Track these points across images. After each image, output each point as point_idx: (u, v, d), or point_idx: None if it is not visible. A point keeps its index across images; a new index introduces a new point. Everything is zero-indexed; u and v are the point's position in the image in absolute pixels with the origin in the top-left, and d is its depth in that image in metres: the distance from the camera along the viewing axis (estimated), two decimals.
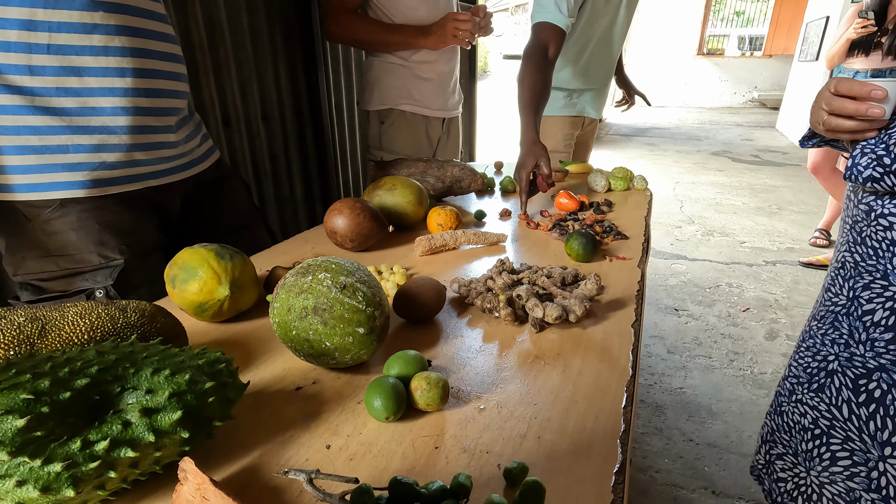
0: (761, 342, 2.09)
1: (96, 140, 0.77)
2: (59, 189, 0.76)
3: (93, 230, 0.79)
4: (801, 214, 3.72)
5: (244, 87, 1.61)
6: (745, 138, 6.90)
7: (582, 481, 0.43)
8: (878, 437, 0.70)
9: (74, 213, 0.77)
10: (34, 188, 0.75)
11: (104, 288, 0.80)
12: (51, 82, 0.72)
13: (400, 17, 1.39)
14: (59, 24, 0.70)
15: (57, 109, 0.73)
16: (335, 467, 0.45)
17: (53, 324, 0.48)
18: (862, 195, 0.73)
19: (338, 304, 0.53)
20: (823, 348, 0.78)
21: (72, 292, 0.79)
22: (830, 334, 0.77)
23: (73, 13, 0.71)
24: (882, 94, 0.63)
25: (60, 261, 0.78)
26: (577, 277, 0.79)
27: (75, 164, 0.76)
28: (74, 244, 0.78)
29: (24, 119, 0.72)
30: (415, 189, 1.05)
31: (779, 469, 0.86)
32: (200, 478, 0.38)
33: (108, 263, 0.80)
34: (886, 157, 0.64)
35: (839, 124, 0.67)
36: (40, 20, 0.69)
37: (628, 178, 1.40)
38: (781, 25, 10.18)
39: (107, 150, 0.78)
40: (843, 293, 0.76)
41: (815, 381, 0.79)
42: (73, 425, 0.37)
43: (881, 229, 0.69)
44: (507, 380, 0.57)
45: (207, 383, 0.43)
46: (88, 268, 0.79)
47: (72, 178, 0.76)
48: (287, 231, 1.89)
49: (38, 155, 0.74)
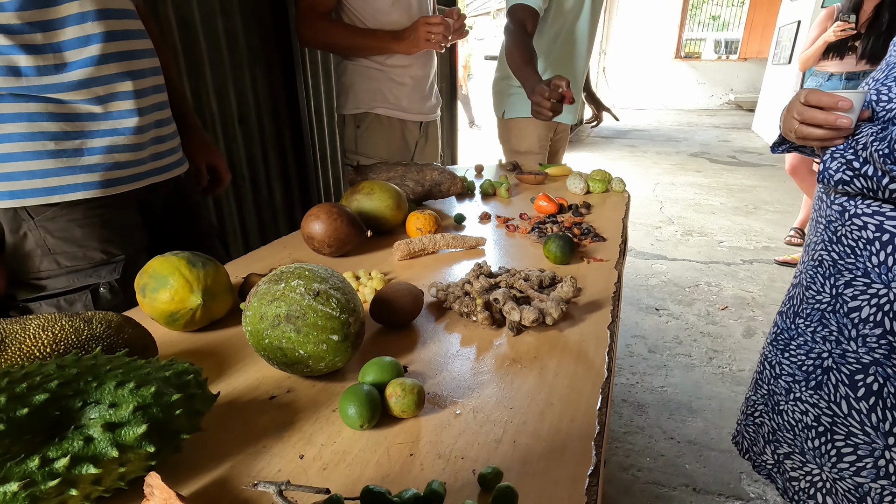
0: (739, 340, 2.13)
1: (108, 142, 0.80)
2: (76, 191, 0.78)
3: (97, 227, 0.81)
4: (776, 214, 3.81)
5: (220, 91, 1.59)
6: (723, 140, 7.04)
7: (556, 484, 0.43)
8: (881, 428, 0.72)
9: (81, 210, 0.79)
10: (52, 191, 0.76)
11: (108, 283, 0.82)
12: (64, 95, 0.74)
13: (373, 22, 1.39)
14: (60, 43, 0.73)
15: (70, 116, 0.76)
16: (308, 477, 0.44)
17: (13, 337, 0.47)
18: (834, 196, 0.76)
19: (311, 312, 0.53)
20: (816, 346, 0.80)
21: (74, 289, 0.80)
22: (820, 332, 0.79)
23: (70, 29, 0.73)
24: (848, 104, 0.67)
25: (61, 258, 0.79)
26: (554, 280, 0.80)
27: (90, 167, 0.78)
28: (78, 241, 0.79)
29: (41, 126, 0.74)
30: (393, 193, 1.05)
31: (789, 468, 0.87)
32: (167, 493, 0.37)
33: (111, 259, 0.82)
34: (855, 161, 0.68)
35: (809, 132, 0.71)
36: (43, 43, 0.71)
37: (606, 180, 1.41)
38: (755, 29, 10.42)
39: (118, 151, 0.81)
40: (826, 290, 0.78)
41: (813, 379, 0.80)
42: (31, 443, 0.36)
43: (856, 228, 0.72)
44: (484, 384, 0.57)
45: (174, 395, 0.42)
46: (91, 264, 0.80)
47: (88, 180, 0.78)
48: (266, 237, 1.86)
49: (55, 159, 0.75)
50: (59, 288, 0.79)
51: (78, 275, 0.80)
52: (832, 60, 2.68)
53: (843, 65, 2.65)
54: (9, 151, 0.72)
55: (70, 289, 0.80)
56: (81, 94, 0.75)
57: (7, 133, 0.72)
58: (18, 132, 0.72)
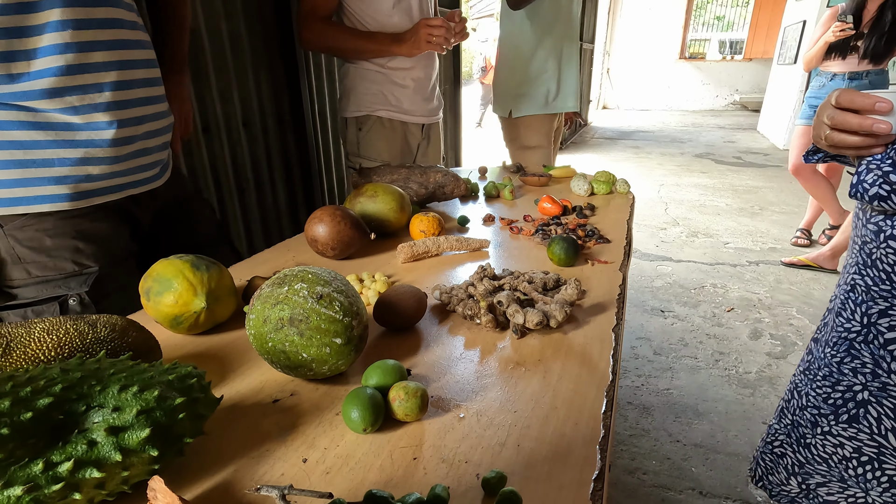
0: (745, 342, 2.12)
1: (81, 153, 0.77)
2: (43, 202, 0.76)
3: (68, 237, 0.78)
4: (782, 215, 3.79)
5: (224, 95, 1.60)
6: (728, 140, 7.01)
7: (560, 489, 0.43)
8: None
9: (51, 220, 0.77)
10: (18, 202, 0.74)
11: (78, 295, 0.79)
12: (36, 103, 0.72)
13: (374, 24, 1.39)
14: (35, 50, 0.70)
15: (43, 125, 0.74)
16: (311, 481, 0.44)
17: (18, 341, 0.47)
18: (871, 214, 0.67)
19: (314, 315, 0.53)
20: (844, 378, 0.73)
21: (43, 299, 0.78)
22: (849, 363, 0.72)
23: (47, 36, 0.70)
24: (887, 106, 0.57)
25: (31, 267, 0.77)
26: (558, 282, 0.79)
27: (60, 178, 0.76)
28: (48, 251, 0.77)
29: (10, 134, 0.72)
30: (397, 196, 1.05)
31: (824, 494, 0.81)
32: (170, 497, 0.37)
33: (82, 271, 0.79)
34: (893, 173, 0.59)
35: (841, 140, 0.61)
36: (17, 49, 0.69)
37: (611, 181, 1.41)
38: (760, 29, 10.38)
39: (91, 164, 0.78)
40: (857, 319, 0.71)
41: (844, 413, 0.73)
42: (34, 446, 0.36)
43: (892, 252, 0.64)
44: (488, 387, 0.57)
45: (177, 399, 0.42)
46: (61, 275, 0.78)
47: (57, 192, 0.76)
48: (271, 239, 1.87)
49: (23, 169, 0.73)
50: (29, 298, 0.77)
51: (47, 285, 0.78)
52: (835, 60, 2.67)
53: (846, 64, 2.64)
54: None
55: (38, 299, 0.78)
56: (54, 104, 0.73)
57: None
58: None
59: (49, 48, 0.71)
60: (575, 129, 2.26)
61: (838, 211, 2.95)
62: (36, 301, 0.77)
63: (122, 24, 0.80)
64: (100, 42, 0.76)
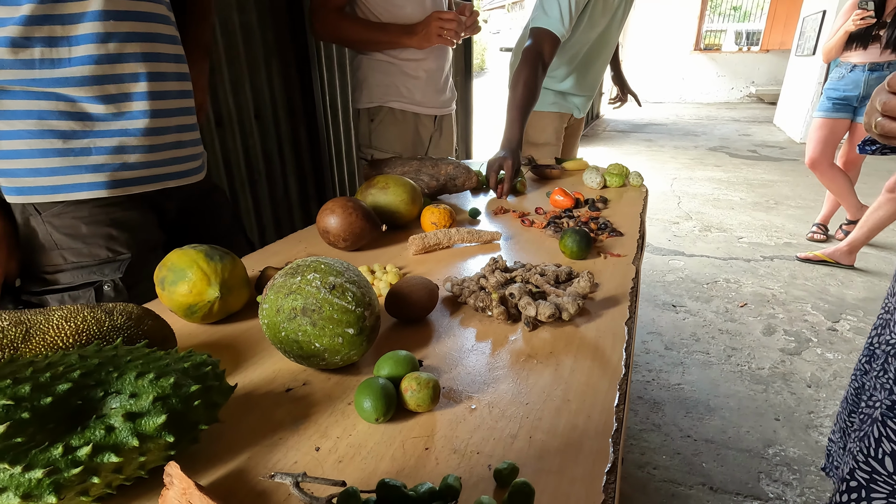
0: (759, 337, 2.09)
1: (116, 142, 0.79)
2: (81, 190, 0.78)
3: (103, 224, 0.81)
4: (798, 209, 3.72)
5: (236, 87, 1.60)
6: (743, 133, 6.90)
7: (573, 481, 0.43)
8: None
9: (87, 208, 0.80)
10: (58, 190, 0.76)
11: (112, 281, 0.81)
12: (74, 91, 0.74)
13: (386, 16, 1.39)
14: (75, 37, 0.72)
15: (80, 114, 0.76)
16: (324, 470, 0.44)
17: (38, 328, 0.48)
18: None
19: (327, 305, 0.53)
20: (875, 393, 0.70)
21: (79, 285, 0.80)
22: (881, 377, 0.69)
23: (87, 24, 0.73)
24: None
25: (67, 254, 0.79)
26: (570, 275, 0.79)
27: (98, 166, 0.78)
28: (84, 237, 0.80)
29: (50, 123, 0.74)
30: (408, 187, 1.04)
31: None
32: (186, 482, 0.38)
33: (115, 257, 0.82)
34: None
35: (892, 128, 0.54)
36: (59, 36, 0.71)
37: (624, 174, 1.39)
38: (778, 20, 10.17)
39: (127, 152, 0.81)
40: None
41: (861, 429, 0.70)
42: (54, 431, 0.37)
43: None
44: (499, 379, 0.57)
45: (192, 387, 0.42)
46: (95, 261, 0.81)
47: (94, 180, 0.78)
48: (282, 231, 1.88)
49: (63, 157, 0.75)
50: (64, 283, 0.80)
51: (82, 271, 0.80)
52: (856, 51, 2.60)
53: (867, 55, 2.57)
54: (17, 148, 0.73)
55: (74, 285, 0.80)
56: (91, 91, 0.75)
57: (17, 130, 0.72)
58: (28, 129, 0.73)
59: (89, 36, 0.73)
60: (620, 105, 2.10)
61: (856, 205, 2.89)
62: (72, 286, 0.80)
63: (157, 19, 0.82)
64: (136, 34, 0.78)
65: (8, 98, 0.71)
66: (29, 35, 0.69)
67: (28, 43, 0.69)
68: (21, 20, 0.68)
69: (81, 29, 0.72)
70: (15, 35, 0.68)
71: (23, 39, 0.69)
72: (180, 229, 0.96)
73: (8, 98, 0.71)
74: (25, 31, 0.69)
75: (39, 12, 0.69)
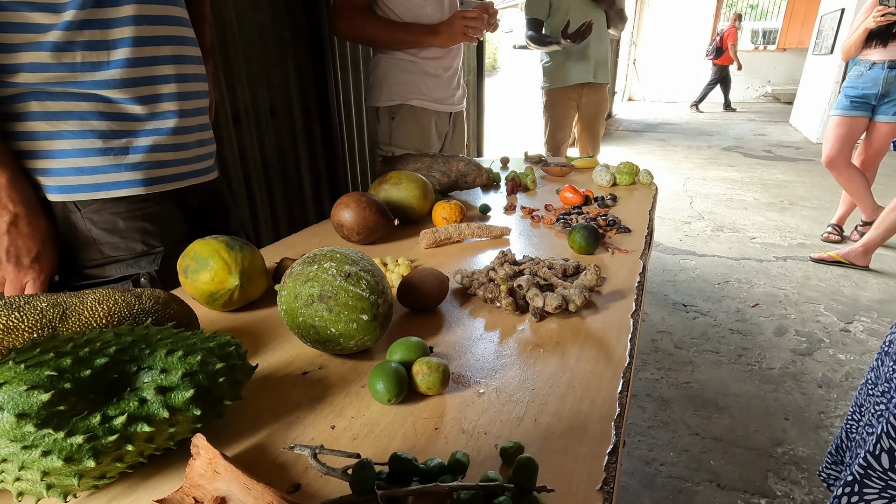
0: (770, 338, 2.08)
1: (150, 141, 0.83)
2: (121, 188, 0.81)
3: (138, 219, 0.84)
4: (813, 210, 3.68)
5: (253, 84, 1.64)
6: (758, 133, 6.82)
7: (576, 460, 0.45)
8: None
9: (125, 204, 0.83)
10: (99, 188, 0.80)
11: (148, 273, 0.85)
12: (112, 93, 0.77)
13: (407, 15, 1.41)
14: (114, 41, 0.76)
15: (118, 115, 0.79)
16: (339, 445, 0.47)
17: (73, 309, 0.51)
18: None
19: (342, 292, 0.55)
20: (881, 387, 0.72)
21: (117, 278, 0.84)
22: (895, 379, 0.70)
23: (123, 29, 0.76)
24: None
25: (105, 248, 0.83)
26: (578, 268, 0.81)
27: (135, 164, 0.82)
28: (121, 232, 0.83)
29: (91, 124, 0.77)
30: (420, 183, 1.07)
31: None
32: (212, 452, 0.41)
33: (150, 251, 0.86)
34: None
35: None
36: (99, 40, 0.75)
37: (633, 172, 1.40)
38: (796, 18, 10.02)
39: (161, 150, 0.84)
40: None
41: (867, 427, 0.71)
42: (93, 401, 0.40)
43: None
44: (507, 366, 0.59)
45: (218, 364, 0.45)
46: (131, 255, 0.84)
47: (133, 178, 0.82)
48: (295, 226, 1.91)
49: (103, 157, 0.79)
50: (103, 277, 0.83)
51: (120, 265, 0.84)
52: (875, 48, 2.57)
53: (888, 52, 2.54)
54: (61, 148, 0.76)
55: (113, 278, 0.83)
56: (128, 93, 0.78)
57: (60, 130, 0.76)
58: (70, 130, 0.76)
59: (125, 40, 0.77)
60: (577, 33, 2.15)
61: (872, 206, 2.86)
62: (110, 280, 0.83)
63: (180, 22, 0.85)
64: (164, 37, 0.82)
65: (51, 100, 0.74)
66: (71, 39, 0.72)
67: (70, 47, 0.72)
68: (64, 25, 0.71)
69: (118, 33, 0.76)
70: (58, 40, 0.71)
71: (65, 44, 0.72)
72: (198, 225, 0.99)
73: (51, 100, 0.74)
74: (68, 36, 0.72)
75: (80, 18, 0.72)
